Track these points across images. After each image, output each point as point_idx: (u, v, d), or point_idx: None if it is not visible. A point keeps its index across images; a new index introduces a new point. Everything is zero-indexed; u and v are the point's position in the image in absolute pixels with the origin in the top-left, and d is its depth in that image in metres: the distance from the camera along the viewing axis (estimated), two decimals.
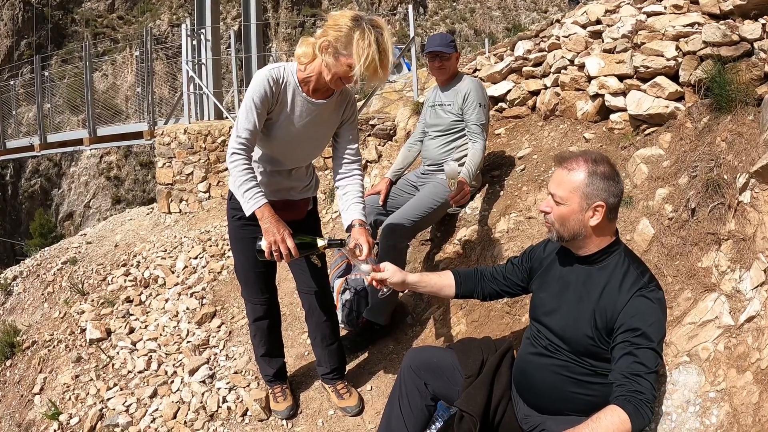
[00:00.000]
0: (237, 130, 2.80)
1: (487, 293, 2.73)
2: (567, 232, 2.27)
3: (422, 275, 2.81)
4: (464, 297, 2.75)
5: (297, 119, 2.94)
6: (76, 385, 4.46)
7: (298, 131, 2.97)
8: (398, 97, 8.21)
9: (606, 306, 2.19)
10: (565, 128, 4.53)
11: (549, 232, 2.35)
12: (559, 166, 2.30)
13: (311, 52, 2.76)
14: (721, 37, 3.55)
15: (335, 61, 2.66)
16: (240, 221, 3.15)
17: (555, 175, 2.30)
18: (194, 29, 9.87)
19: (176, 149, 8.30)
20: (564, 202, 2.24)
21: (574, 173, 2.23)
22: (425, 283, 2.74)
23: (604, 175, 2.22)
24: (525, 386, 2.44)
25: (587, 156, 2.26)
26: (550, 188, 2.31)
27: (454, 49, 4.16)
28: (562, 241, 2.33)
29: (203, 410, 3.73)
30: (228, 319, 4.83)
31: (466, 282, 2.72)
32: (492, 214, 4.16)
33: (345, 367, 3.65)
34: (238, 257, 3.35)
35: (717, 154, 3.22)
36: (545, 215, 2.34)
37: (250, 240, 2.98)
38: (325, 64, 2.70)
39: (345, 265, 4.20)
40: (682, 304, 2.81)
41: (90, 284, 6.30)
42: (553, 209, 2.28)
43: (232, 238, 3.31)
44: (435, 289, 2.75)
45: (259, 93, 2.78)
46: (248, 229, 3.10)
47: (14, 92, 15.86)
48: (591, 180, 2.21)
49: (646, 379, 2.01)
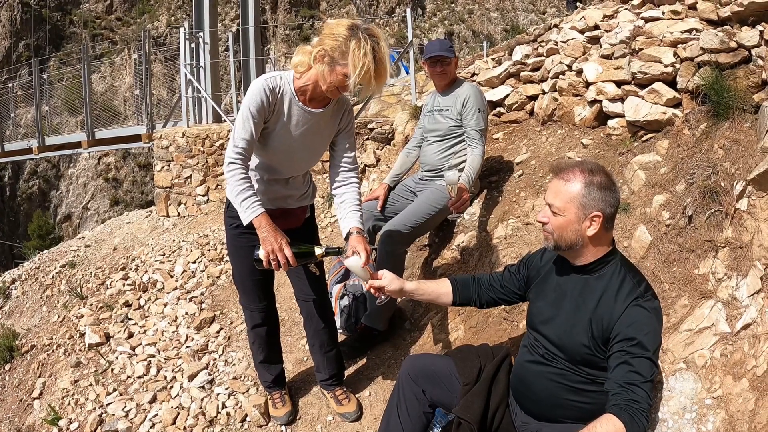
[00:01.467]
0: (234, 139, 2.80)
1: (484, 301, 2.74)
2: (564, 242, 2.28)
3: (420, 283, 2.82)
4: (461, 305, 2.77)
5: (294, 128, 2.94)
6: (75, 390, 4.46)
7: (294, 140, 2.97)
8: (396, 100, 8.21)
9: (602, 315, 2.21)
10: (563, 134, 4.54)
11: (546, 241, 2.36)
12: (555, 176, 2.31)
13: (307, 62, 2.78)
14: (719, 43, 3.56)
15: (331, 70, 2.68)
16: (237, 230, 3.14)
17: (552, 186, 2.32)
18: (192, 32, 9.87)
19: (174, 153, 8.30)
20: (561, 212, 2.25)
21: (571, 184, 2.24)
22: (422, 290, 2.75)
23: (600, 185, 2.23)
24: (522, 394, 2.45)
25: (584, 166, 2.28)
26: (547, 199, 2.32)
27: (453, 54, 4.17)
28: (559, 251, 2.35)
29: (202, 416, 3.74)
30: (227, 324, 4.84)
31: (464, 290, 2.73)
32: (490, 220, 4.17)
33: (343, 373, 3.66)
34: (235, 265, 3.35)
35: (714, 161, 3.23)
36: (543, 225, 2.35)
37: (248, 248, 2.98)
38: (321, 73, 2.72)
39: (343, 270, 4.20)
40: (679, 311, 2.82)
41: (89, 288, 6.30)
42: (550, 219, 2.30)
43: (230, 246, 3.30)
44: (432, 297, 2.77)
45: (255, 102, 2.78)
46: (245, 237, 3.09)
47: (12, 94, 15.85)
48: (588, 190, 2.23)
49: (642, 388, 2.02)
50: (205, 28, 10.04)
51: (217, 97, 9.93)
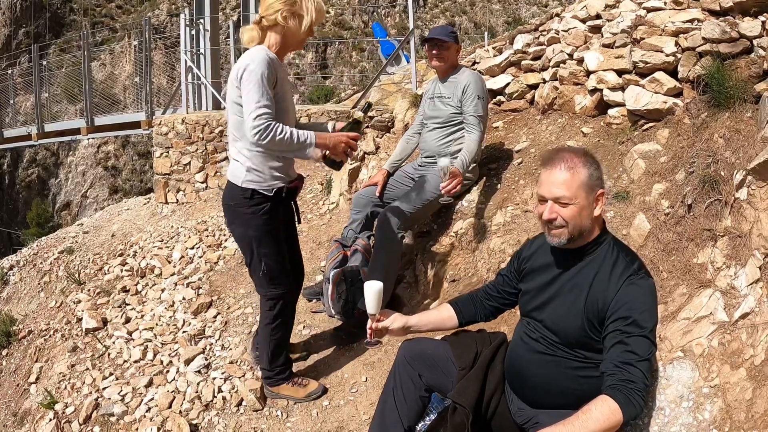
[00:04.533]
0: (256, 104, 2.94)
1: (488, 313, 2.73)
2: (579, 231, 2.25)
3: (421, 315, 2.80)
4: (468, 324, 2.74)
5: (288, 90, 3.27)
6: (72, 374, 4.46)
7: (289, 102, 3.30)
8: (397, 89, 8.20)
9: (597, 296, 2.20)
10: (563, 122, 4.53)
11: (558, 238, 2.28)
12: (554, 167, 2.25)
13: (257, 35, 3.18)
14: (721, 33, 3.55)
15: (299, 22, 3.14)
16: (267, 215, 3.23)
17: (551, 179, 2.25)
18: (193, 19, 9.83)
19: (174, 139, 8.27)
20: (572, 201, 2.21)
21: (574, 170, 2.22)
22: (426, 321, 2.73)
23: (595, 164, 2.28)
24: (517, 381, 2.44)
25: (574, 152, 2.29)
26: (547, 194, 2.26)
27: (455, 41, 4.14)
28: (571, 242, 2.28)
29: (198, 400, 3.73)
30: (224, 309, 4.84)
31: (466, 310, 2.71)
32: (489, 207, 4.16)
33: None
34: (270, 251, 3.31)
35: (714, 151, 3.22)
36: (551, 222, 2.27)
37: (278, 229, 3.31)
38: (290, 30, 3.16)
39: (341, 257, 4.19)
40: (677, 299, 2.82)
41: (86, 274, 6.30)
42: (560, 213, 2.24)
43: (260, 234, 3.26)
44: (437, 325, 2.73)
45: (265, 72, 2.99)
46: (275, 219, 3.29)
47: (12, 81, 15.79)
48: (590, 172, 2.24)
49: (638, 368, 2.01)
50: (205, 14, 10.00)
51: (217, 84, 9.90)
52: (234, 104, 3.12)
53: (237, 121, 3.14)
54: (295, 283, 3.61)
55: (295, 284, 3.64)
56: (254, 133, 2.92)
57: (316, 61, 47.61)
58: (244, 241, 3.33)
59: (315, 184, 6.68)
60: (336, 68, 48.84)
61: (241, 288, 5.10)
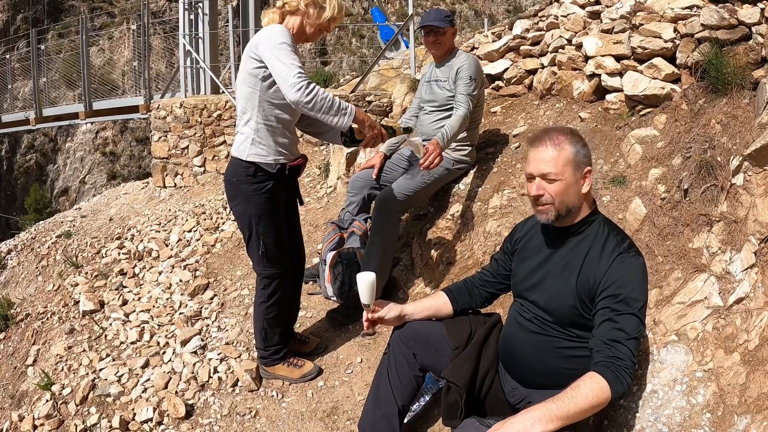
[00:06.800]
0: (291, 64, 2.94)
1: (484, 299, 2.75)
2: (565, 208, 2.27)
3: (416, 303, 2.79)
4: (463, 312, 2.73)
5: None
6: (68, 356, 4.48)
7: None
8: (396, 74, 8.19)
9: (588, 274, 2.21)
10: (561, 107, 4.52)
11: (545, 215, 2.30)
12: (540, 145, 2.30)
13: (277, 17, 3.21)
14: (719, 20, 3.54)
15: (319, 14, 3.20)
16: (268, 193, 3.25)
17: (537, 156, 2.29)
18: (192, 3, 9.78)
19: (172, 123, 8.26)
20: (559, 177, 2.24)
21: (560, 147, 2.26)
22: (421, 309, 2.72)
23: (582, 141, 2.31)
24: (510, 360, 2.45)
25: (560, 130, 2.33)
26: (535, 171, 2.29)
27: (450, 24, 4.12)
28: (558, 220, 2.31)
29: (194, 380, 3.75)
30: (221, 291, 4.85)
31: (460, 297, 2.73)
32: (485, 190, 4.16)
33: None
34: (269, 230, 3.33)
35: (711, 136, 3.22)
36: (539, 199, 2.30)
37: (278, 208, 3.35)
38: (308, 17, 3.21)
39: (338, 238, 4.20)
40: (672, 283, 2.83)
41: (84, 257, 6.31)
42: (546, 189, 2.27)
43: (260, 212, 3.28)
44: (432, 312, 2.72)
45: (290, 42, 3.02)
46: (275, 198, 3.31)
47: (10, 66, 15.72)
48: (577, 149, 2.27)
49: (626, 345, 2.03)
50: None
51: (215, 69, 9.88)
52: (248, 75, 3.13)
53: (248, 92, 3.15)
54: (296, 266, 3.62)
55: (296, 267, 3.65)
56: (297, 89, 2.88)
57: (316, 47, 47.45)
58: (244, 219, 3.34)
59: (313, 167, 6.68)
60: (335, 54, 48.63)
61: (238, 270, 5.11)
